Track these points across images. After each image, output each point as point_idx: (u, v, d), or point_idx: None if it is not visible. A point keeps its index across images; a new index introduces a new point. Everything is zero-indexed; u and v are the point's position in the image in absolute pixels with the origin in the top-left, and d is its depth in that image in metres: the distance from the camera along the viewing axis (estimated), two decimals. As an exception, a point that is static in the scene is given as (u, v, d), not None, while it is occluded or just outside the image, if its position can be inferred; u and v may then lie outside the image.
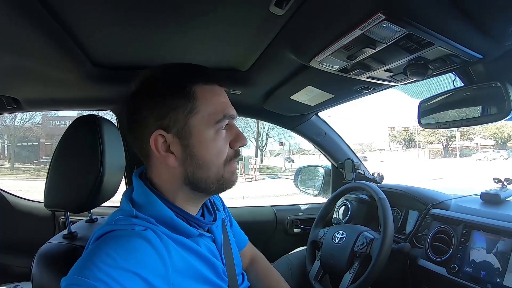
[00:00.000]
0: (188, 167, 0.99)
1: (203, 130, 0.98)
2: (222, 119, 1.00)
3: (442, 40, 0.99)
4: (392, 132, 56.12)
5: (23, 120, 30.82)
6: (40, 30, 1.18)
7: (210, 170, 1.00)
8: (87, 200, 1.29)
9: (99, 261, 0.78)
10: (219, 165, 1.02)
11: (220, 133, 1.01)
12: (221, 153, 1.02)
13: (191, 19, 1.23)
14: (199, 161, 0.99)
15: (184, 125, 0.97)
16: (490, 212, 1.47)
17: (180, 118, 0.97)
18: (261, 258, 1.54)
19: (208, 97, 0.99)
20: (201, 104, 0.98)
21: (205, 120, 0.98)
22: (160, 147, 0.98)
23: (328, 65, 1.31)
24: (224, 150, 1.02)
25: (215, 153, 1.01)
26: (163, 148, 0.98)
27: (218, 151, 1.01)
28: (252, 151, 36.35)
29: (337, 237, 1.78)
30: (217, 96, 1.02)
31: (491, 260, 1.33)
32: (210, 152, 1.00)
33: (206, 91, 0.99)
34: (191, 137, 0.98)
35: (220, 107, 1.01)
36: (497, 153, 37.04)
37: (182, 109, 0.96)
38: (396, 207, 1.99)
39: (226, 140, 1.03)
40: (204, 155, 0.99)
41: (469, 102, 1.37)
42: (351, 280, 1.58)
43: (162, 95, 0.97)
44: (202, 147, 0.99)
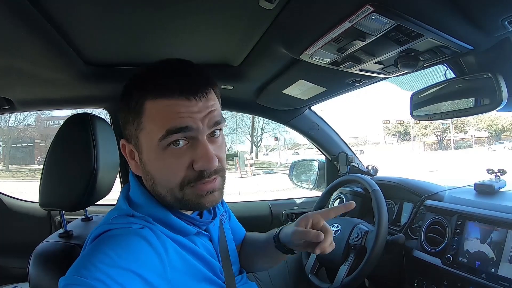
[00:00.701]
0: (147, 181, 0.99)
1: (149, 147, 0.93)
2: (166, 136, 0.88)
3: (432, 31, 0.99)
4: (387, 125, 56.27)
5: (17, 121, 30.75)
6: (31, 30, 1.18)
7: (164, 189, 0.95)
8: (82, 199, 1.28)
9: (97, 261, 0.77)
10: (173, 187, 0.93)
11: (169, 151, 0.91)
12: (171, 175, 0.93)
13: (181, 15, 1.23)
14: (154, 178, 0.96)
15: (136, 139, 0.96)
16: (484, 203, 1.48)
17: (132, 133, 0.96)
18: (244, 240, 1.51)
19: (154, 113, 0.90)
20: (146, 120, 0.91)
21: (149, 138, 0.92)
22: (127, 152, 1.01)
23: (319, 58, 1.31)
24: (177, 171, 0.92)
25: (164, 174, 0.94)
26: (129, 155, 1.01)
27: (168, 172, 0.93)
28: (247, 147, 36.38)
29: (332, 230, 1.78)
30: (168, 109, 0.89)
31: (485, 250, 1.34)
32: (159, 172, 0.95)
33: (155, 105, 0.90)
34: (142, 153, 0.96)
35: (165, 121, 0.89)
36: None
37: (132, 124, 0.94)
38: (390, 199, 2.00)
39: (184, 158, 0.92)
40: (154, 173, 0.95)
41: (461, 93, 1.37)
42: (346, 272, 1.58)
43: (122, 107, 0.97)
44: (152, 165, 0.95)
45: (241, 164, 25.26)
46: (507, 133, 43.80)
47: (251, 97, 2.21)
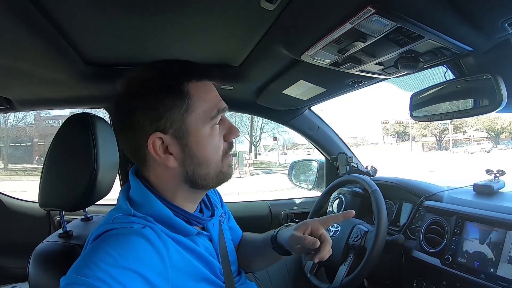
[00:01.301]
0: (188, 166, 0.99)
1: (200, 128, 0.97)
2: (216, 114, 0.99)
3: (432, 33, 0.99)
4: (386, 126, 56.18)
5: (16, 120, 30.60)
6: (32, 29, 1.18)
7: (210, 166, 1.01)
8: (82, 199, 1.28)
9: (98, 260, 0.78)
10: (218, 160, 1.02)
11: (215, 128, 1.01)
12: (218, 148, 1.02)
13: (182, 15, 1.23)
14: (199, 159, 0.99)
15: (181, 124, 0.95)
16: (483, 203, 1.48)
17: (177, 118, 0.95)
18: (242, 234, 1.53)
19: (202, 94, 0.98)
20: (196, 101, 0.96)
21: (201, 118, 0.97)
22: (159, 149, 0.95)
23: (320, 59, 1.31)
24: (220, 144, 1.03)
25: (213, 149, 1.01)
26: (161, 150, 0.96)
27: (216, 146, 1.01)
28: (246, 147, 36.34)
29: (332, 230, 1.79)
30: (209, 91, 1.01)
31: (484, 251, 1.35)
32: (208, 149, 1.00)
33: (199, 88, 0.98)
34: (189, 136, 0.97)
35: (213, 102, 1.00)
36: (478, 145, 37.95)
37: (178, 109, 0.94)
38: (389, 200, 2.01)
39: (221, 134, 1.03)
40: (203, 152, 0.99)
41: (460, 95, 1.37)
42: (346, 273, 1.59)
43: (156, 96, 0.94)
44: (200, 145, 0.98)
45: (240, 164, 25.22)
46: (505, 134, 43.80)
47: (251, 97, 2.21)
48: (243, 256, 1.39)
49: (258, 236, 1.43)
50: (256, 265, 1.45)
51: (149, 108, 0.94)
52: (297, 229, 1.16)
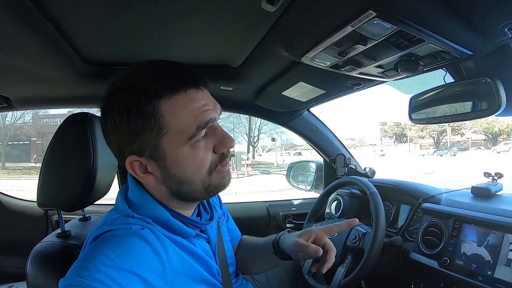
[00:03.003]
0: (170, 185, 0.96)
1: (176, 149, 0.90)
2: (196, 132, 0.89)
3: (433, 37, 1.00)
4: (384, 127, 56.24)
5: (14, 118, 30.54)
6: (31, 28, 1.18)
7: (194, 184, 0.95)
8: (80, 199, 1.28)
9: (97, 262, 0.77)
10: (203, 177, 0.95)
11: (197, 146, 0.92)
12: (202, 165, 0.94)
13: (182, 15, 1.23)
14: (179, 179, 0.94)
15: (155, 147, 0.90)
16: (480, 206, 1.49)
17: (149, 141, 0.89)
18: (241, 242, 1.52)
19: (176, 111, 0.88)
20: (168, 122, 0.88)
21: (176, 139, 0.89)
22: (137, 170, 0.94)
23: (320, 61, 1.31)
24: (205, 160, 0.94)
25: (195, 168, 0.94)
26: (140, 171, 0.94)
27: (199, 164, 0.94)
28: (244, 147, 36.32)
29: (330, 231, 1.79)
30: (188, 105, 0.89)
31: (482, 253, 1.35)
32: (189, 168, 0.93)
33: (173, 104, 0.88)
34: (165, 158, 0.91)
35: (192, 119, 0.89)
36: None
37: (149, 132, 0.88)
38: (387, 202, 2.01)
39: (208, 147, 0.94)
40: (183, 173, 0.93)
41: (459, 98, 1.38)
42: (344, 274, 1.59)
43: (124, 119, 0.88)
44: (179, 166, 0.92)
45: (238, 165, 25.23)
46: (503, 136, 43.90)
47: (250, 98, 2.21)
48: (242, 259, 1.39)
49: (259, 239, 1.43)
50: (255, 269, 1.43)
51: (120, 132, 0.90)
52: (301, 236, 1.16)
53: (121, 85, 0.91)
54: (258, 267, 1.43)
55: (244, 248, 1.47)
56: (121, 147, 0.92)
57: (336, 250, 1.14)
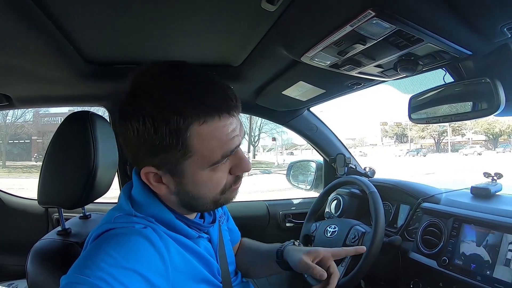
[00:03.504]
0: (183, 198, 0.95)
1: (197, 171, 0.89)
2: (220, 160, 0.88)
3: (432, 36, 1.00)
4: (384, 127, 56.25)
5: (14, 117, 30.53)
6: (32, 27, 1.18)
7: (205, 200, 0.95)
8: (80, 196, 1.28)
9: (99, 260, 0.77)
10: (215, 195, 0.95)
11: (217, 169, 0.91)
12: (217, 186, 0.94)
13: (183, 14, 1.23)
14: (193, 195, 0.94)
15: (176, 165, 0.88)
16: (480, 206, 1.49)
17: (172, 160, 0.87)
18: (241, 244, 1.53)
19: (205, 138, 0.84)
20: (196, 147, 0.85)
21: (199, 163, 0.87)
22: (152, 179, 0.92)
23: (319, 60, 1.32)
24: (221, 182, 0.94)
25: (210, 189, 0.94)
26: (154, 180, 0.92)
27: (215, 185, 0.94)
28: (245, 147, 36.30)
29: (329, 231, 1.79)
30: (218, 132, 0.86)
31: (481, 253, 1.35)
32: (204, 189, 0.93)
33: (204, 129, 0.84)
34: (184, 177, 0.90)
35: (219, 146, 0.87)
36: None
37: (174, 151, 0.85)
38: (387, 201, 2.01)
39: (226, 169, 0.94)
40: (198, 192, 0.93)
41: (459, 98, 1.38)
42: (343, 273, 1.58)
43: (150, 133, 0.82)
44: (195, 186, 0.92)
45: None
46: (504, 137, 43.84)
47: (251, 98, 2.21)
48: (242, 262, 1.39)
49: (261, 245, 1.44)
50: (254, 274, 1.42)
51: (143, 143, 0.85)
52: (307, 255, 1.14)
53: (146, 94, 0.85)
54: (256, 273, 1.42)
55: (245, 252, 1.47)
56: (139, 156, 0.90)
57: (339, 275, 1.13)
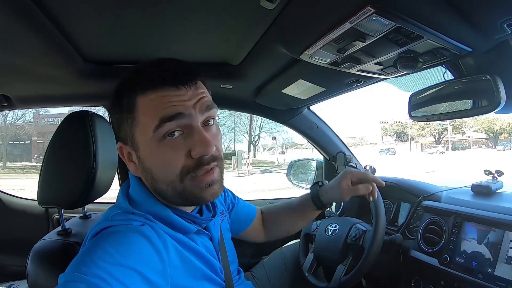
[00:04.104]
0: (147, 179, 0.98)
1: (145, 142, 0.93)
2: (159, 125, 0.89)
3: (431, 33, 0.99)
4: (385, 126, 56.37)
5: (15, 118, 30.64)
6: (31, 27, 1.18)
7: (165, 184, 0.94)
8: (80, 196, 1.28)
9: (97, 258, 0.77)
10: (173, 180, 0.93)
11: (165, 142, 0.91)
12: (170, 166, 0.92)
13: (182, 13, 1.23)
14: (152, 175, 0.95)
15: (132, 137, 0.95)
16: (481, 204, 1.49)
17: (127, 131, 0.96)
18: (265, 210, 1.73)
19: (146, 106, 0.91)
20: (139, 114, 0.92)
21: (144, 131, 0.92)
22: (125, 155, 1.00)
23: (319, 58, 1.31)
24: (174, 161, 0.92)
25: (162, 167, 0.94)
26: (126, 157, 1.00)
27: (166, 163, 0.93)
28: (245, 146, 36.35)
29: (330, 229, 1.79)
30: (158, 100, 0.90)
31: (482, 251, 1.35)
32: (158, 165, 0.94)
33: (146, 99, 0.91)
34: (139, 149, 0.95)
35: (156, 112, 0.89)
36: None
37: (126, 122, 0.95)
38: (388, 199, 2.01)
39: (181, 148, 0.92)
40: (153, 168, 0.95)
41: (459, 95, 1.38)
42: (344, 272, 1.59)
43: (114, 106, 0.98)
44: (150, 160, 0.95)
45: (239, 163, 25.23)
46: (504, 135, 43.88)
47: (250, 96, 2.21)
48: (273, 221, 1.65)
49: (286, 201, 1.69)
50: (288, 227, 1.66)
51: (113, 117, 1.01)
52: (344, 182, 1.43)
53: (119, 80, 0.99)
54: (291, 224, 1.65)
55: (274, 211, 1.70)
56: (116, 133, 1.02)
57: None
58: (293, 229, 1.68)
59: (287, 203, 1.66)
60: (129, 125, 0.94)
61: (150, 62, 0.96)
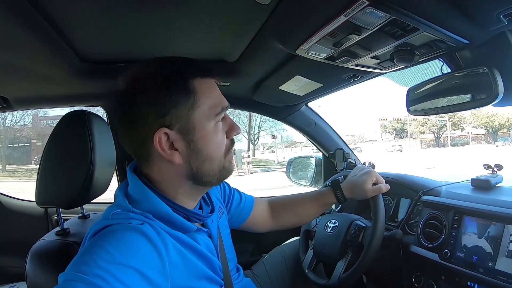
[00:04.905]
0: (193, 162, 1.00)
1: (205, 123, 0.99)
2: (221, 111, 1.02)
3: (427, 25, 0.99)
4: (384, 123, 56.40)
5: (14, 121, 30.67)
6: (27, 27, 1.18)
7: (214, 162, 1.03)
8: (78, 196, 1.29)
9: (96, 257, 0.78)
10: (221, 156, 1.04)
11: (218, 125, 1.03)
12: (221, 144, 1.04)
13: (177, 10, 1.23)
14: (203, 155, 1.00)
15: (187, 120, 0.97)
16: (480, 198, 1.48)
17: (183, 114, 0.96)
18: (273, 199, 1.76)
19: (206, 91, 1.00)
20: (201, 98, 0.98)
21: (206, 114, 0.99)
22: (164, 145, 0.96)
23: (315, 53, 1.31)
24: (223, 141, 1.05)
25: (217, 145, 1.03)
26: (167, 146, 0.96)
27: (219, 142, 1.04)
28: (244, 145, 36.37)
29: (330, 226, 1.79)
30: (213, 89, 1.04)
31: (482, 245, 1.34)
32: (213, 145, 1.01)
33: (204, 84, 1.00)
34: (195, 132, 0.98)
35: (217, 99, 1.03)
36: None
37: (184, 105, 0.96)
38: (387, 195, 2.01)
39: (223, 131, 1.06)
40: (208, 148, 1.00)
41: (457, 88, 1.37)
42: (344, 269, 1.58)
43: (161, 91, 0.95)
44: (205, 141, 1.00)
45: (238, 162, 25.28)
46: (503, 130, 43.94)
47: (248, 94, 2.21)
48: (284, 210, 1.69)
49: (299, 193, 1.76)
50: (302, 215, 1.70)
51: (155, 103, 0.95)
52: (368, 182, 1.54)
53: (153, 65, 1.01)
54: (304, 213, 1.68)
55: (286, 199, 1.75)
56: (150, 121, 0.95)
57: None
58: (306, 217, 1.73)
59: (302, 193, 1.74)
60: (188, 107, 0.97)
61: (169, 57, 1.03)
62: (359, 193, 1.56)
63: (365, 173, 1.57)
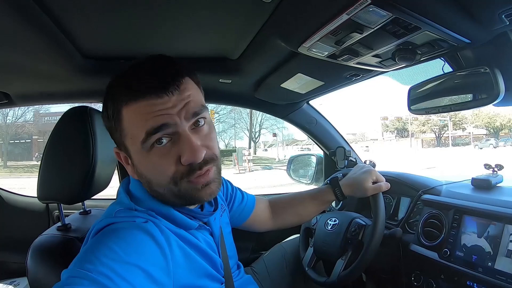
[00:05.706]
0: (143, 182, 1.00)
1: (135, 151, 0.94)
2: (146, 138, 0.89)
3: (429, 24, 0.99)
4: (385, 122, 56.38)
5: (15, 117, 30.72)
6: (29, 23, 1.18)
7: (161, 189, 0.96)
8: (80, 191, 1.29)
9: (100, 255, 0.78)
10: (167, 184, 0.94)
11: (154, 152, 0.92)
12: (162, 173, 0.93)
13: (179, 7, 1.23)
14: (147, 179, 0.97)
15: (124, 146, 0.97)
16: (481, 197, 1.48)
17: (119, 140, 0.97)
18: (273, 198, 1.75)
19: (131, 117, 0.91)
20: (126, 125, 0.93)
21: (133, 142, 0.93)
22: (122, 158, 1.02)
23: (317, 51, 1.31)
24: (165, 169, 0.92)
25: (155, 174, 0.95)
26: (124, 160, 1.02)
27: (158, 172, 0.94)
28: (246, 143, 36.39)
29: (330, 223, 1.79)
30: (141, 111, 0.89)
31: (482, 244, 1.34)
32: (150, 172, 0.96)
33: (131, 110, 0.90)
34: (132, 157, 0.97)
35: (141, 124, 0.89)
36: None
37: (116, 132, 0.97)
38: (388, 194, 2.00)
39: (170, 156, 0.92)
40: (148, 174, 0.96)
41: (458, 87, 1.38)
42: (343, 266, 1.58)
43: (104, 119, 1.01)
44: (142, 167, 0.96)
45: (239, 160, 25.28)
46: (505, 131, 43.88)
47: (249, 91, 2.21)
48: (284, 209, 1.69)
49: (298, 192, 1.76)
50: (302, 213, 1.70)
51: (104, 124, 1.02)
52: (368, 181, 1.56)
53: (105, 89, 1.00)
54: (304, 211, 1.69)
55: (286, 198, 1.73)
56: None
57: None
58: (306, 215, 1.72)
59: (301, 192, 1.74)
60: (119, 135, 0.96)
61: (130, 67, 0.96)
62: (358, 191, 1.56)
63: (365, 172, 1.57)
